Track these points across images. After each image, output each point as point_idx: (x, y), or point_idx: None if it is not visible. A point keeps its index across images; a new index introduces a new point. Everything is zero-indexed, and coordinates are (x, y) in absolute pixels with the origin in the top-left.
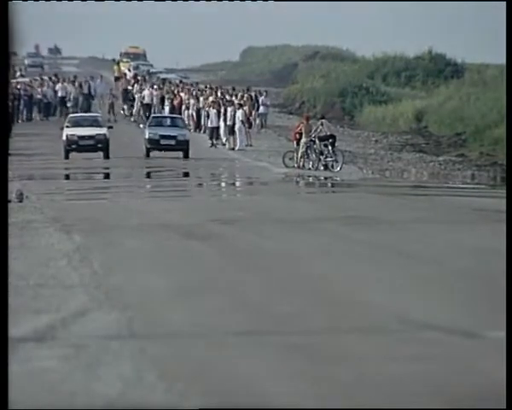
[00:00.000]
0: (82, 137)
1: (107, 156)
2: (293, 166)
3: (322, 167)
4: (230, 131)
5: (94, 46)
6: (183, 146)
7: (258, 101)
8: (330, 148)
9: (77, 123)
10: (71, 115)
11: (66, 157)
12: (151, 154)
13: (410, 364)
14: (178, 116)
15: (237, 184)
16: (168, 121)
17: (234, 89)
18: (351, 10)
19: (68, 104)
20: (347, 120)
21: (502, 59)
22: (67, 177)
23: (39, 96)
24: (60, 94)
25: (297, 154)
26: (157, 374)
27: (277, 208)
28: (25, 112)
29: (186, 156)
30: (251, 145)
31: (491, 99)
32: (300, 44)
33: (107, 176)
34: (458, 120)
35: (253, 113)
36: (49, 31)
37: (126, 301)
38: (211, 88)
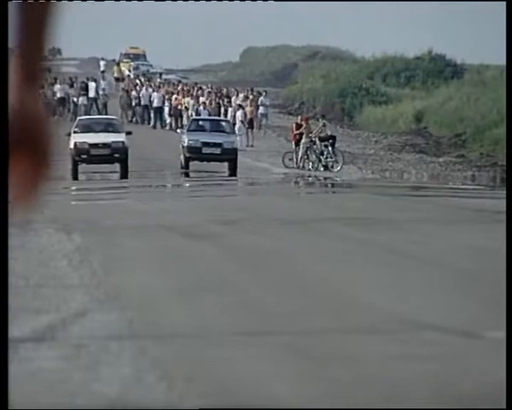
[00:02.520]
0: (94, 146)
1: (125, 170)
2: (293, 167)
3: (322, 168)
4: None
5: (94, 47)
6: (230, 155)
7: (257, 101)
8: (330, 148)
9: (88, 128)
10: (80, 118)
11: (75, 172)
12: (190, 164)
13: (410, 364)
14: (225, 119)
15: (237, 184)
16: (212, 125)
17: (237, 91)
18: (351, 10)
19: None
20: (347, 121)
21: (502, 59)
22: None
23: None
24: (59, 95)
25: (296, 154)
26: (157, 374)
27: (277, 209)
28: None
29: (233, 169)
30: (252, 146)
31: (491, 99)
32: (300, 45)
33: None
34: (458, 121)
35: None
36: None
37: (126, 302)
38: (201, 88)
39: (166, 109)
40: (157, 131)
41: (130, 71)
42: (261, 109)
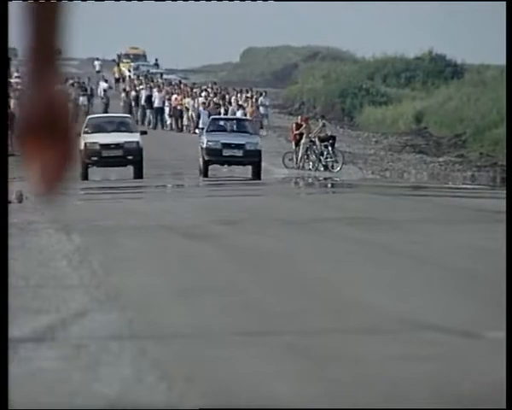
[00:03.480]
0: (106, 147)
1: (139, 172)
2: (293, 167)
3: (322, 168)
4: None
5: (94, 47)
6: (253, 158)
7: (257, 101)
8: (330, 148)
9: (99, 127)
10: (90, 117)
11: (85, 175)
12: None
13: (410, 364)
14: (246, 118)
15: (237, 184)
16: (233, 125)
17: (240, 90)
18: (351, 10)
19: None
20: (347, 121)
21: (502, 59)
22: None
23: None
24: None
25: (296, 154)
26: (157, 374)
27: (277, 209)
28: None
29: (257, 173)
30: None
31: (491, 99)
32: (300, 45)
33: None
34: (458, 121)
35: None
36: None
37: (126, 302)
38: (200, 88)
39: (167, 110)
40: (157, 131)
41: (130, 71)
42: (261, 110)
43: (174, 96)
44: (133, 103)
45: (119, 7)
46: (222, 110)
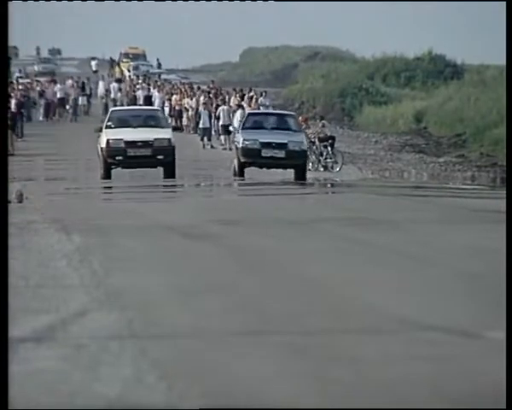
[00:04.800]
0: (132, 145)
1: (171, 174)
2: None
3: (321, 168)
4: (225, 131)
5: (94, 47)
6: (296, 160)
7: (257, 101)
8: (330, 149)
9: (124, 121)
10: (114, 109)
11: (107, 175)
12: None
13: (410, 364)
14: (289, 112)
15: (236, 184)
16: (274, 121)
17: (236, 90)
18: (351, 10)
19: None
20: (347, 121)
21: (502, 59)
22: None
23: (49, 97)
24: (59, 95)
25: None
26: (157, 374)
27: (277, 209)
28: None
29: (302, 178)
30: None
31: (490, 100)
32: (300, 45)
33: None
34: (458, 121)
35: None
36: (49, 31)
37: (126, 302)
38: (199, 88)
39: (167, 110)
40: None
41: (129, 71)
42: (261, 110)
43: (174, 96)
44: (131, 103)
45: (119, 7)
46: (220, 109)
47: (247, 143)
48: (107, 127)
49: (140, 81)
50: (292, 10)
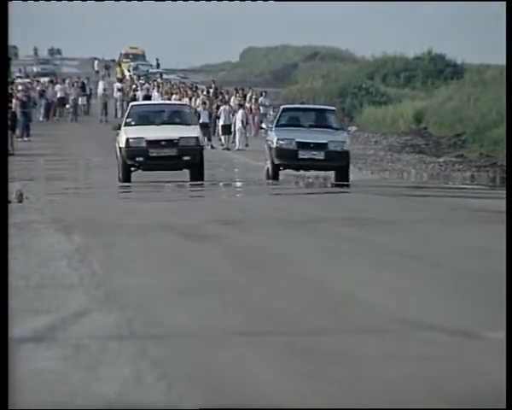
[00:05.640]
0: (155, 144)
1: (198, 177)
2: None
3: None
4: (226, 131)
5: (94, 47)
6: (338, 162)
7: (257, 101)
8: None
9: (145, 118)
10: (134, 104)
11: (126, 178)
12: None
13: (410, 364)
14: (329, 108)
15: (236, 184)
16: (312, 117)
17: (236, 90)
18: (351, 10)
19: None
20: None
21: (502, 59)
22: None
23: (50, 96)
24: (59, 95)
25: None
26: (157, 374)
27: (277, 209)
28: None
29: (343, 179)
30: (247, 145)
31: (491, 99)
32: (300, 45)
33: None
34: (458, 121)
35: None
36: (49, 31)
37: (126, 302)
38: (197, 88)
39: None
40: None
41: (129, 71)
42: (261, 110)
43: (173, 96)
44: (131, 102)
45: (119, 7)
46: (220, 109)
47: (281, 143)
48: (127, 125)
49: (141, 81)
50: (292, 10)
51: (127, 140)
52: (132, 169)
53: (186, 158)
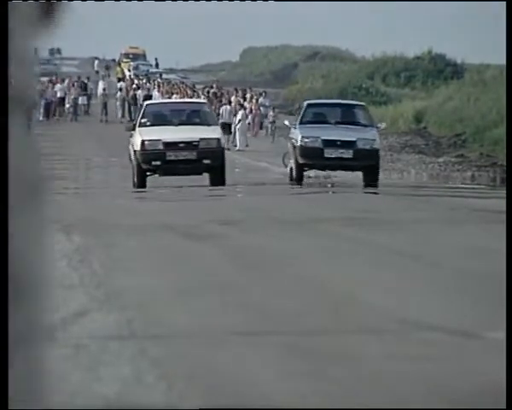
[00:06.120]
0: (172, 146)
1: (219, 181)
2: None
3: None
4: (226, 131)
5: (94, 47)
6: (367, 161)
7: (257, 101)
8: None
9: (162, 118)
10: (149, 103)
11: (141, 183)
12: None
13: (410, 364)
14: (357, 103)
15: (237, 184)
16: (339, 113)
17: (236, 90)
18: (351, 10)
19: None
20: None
21: (502, 59)
22: None
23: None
24: (59, 95)
25: None
26: (157, 374)
27: (277, 209)
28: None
29: (373, 180)
30: (247, 145)
31: (491, 99)
32: (300, 45)
33: None
34: (458, 121)
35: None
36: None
37: (126, 302)
38: (194, 87)
39: None
40: None
41: (129, 71)
42: (261, 110)
43: (174, 95)
44: (131, 102)
45: (119, 7)
46: (221, 110)
47: (306, 140)
48: (142, 125)
49: (141, 81)
50: (292, 10)
51: (142, 142)
52: (148, 174)
53: (206, 161)
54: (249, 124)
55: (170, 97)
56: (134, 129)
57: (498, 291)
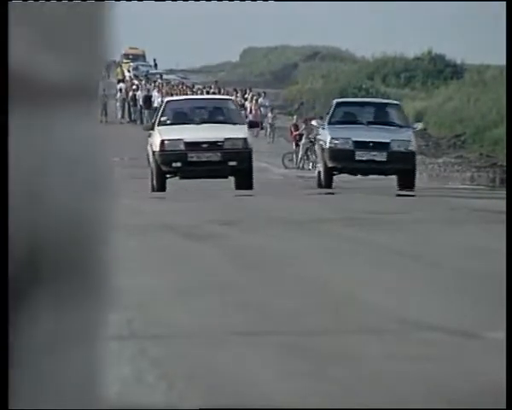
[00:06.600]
0: (195, 146)
1: (246, 184)
2: (293, 168)
3: None
4: None
5: None
6: (402, 164)
7: (257, 101)
8: None
9: (183, 116)
10: (169, 100)
11: (160, 187)
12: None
13: (410, 364)
14: (391, 102)
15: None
16: (371, 113)
17: (236, 90)
18: (351, 10)
19: None
20: None
21: (502, 60)
22: None
23: None
24: None
25: (296, 155)
26: (157, 374)
27: (277, 209)
28: None
29: (409, 185)
30: None
31: (491, 100)
32: (300, 45)
33: None
34: (458, 121)
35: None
36: None
37: (126, 302)
38: (191, 86)
39: None
40: None
41: (129, 71)
42: (261, 110)
43: (174, 96)
44: (131, 103)
45: (119, 7)
46: None
47: (336, 142)
48: (161, 124)
49: (141, 82)
50: (291, 10)
51: (162, 142)
52: (167, 176)
53: (232, 163)
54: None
55: None
56: (153, 128)
57: (498, 291)
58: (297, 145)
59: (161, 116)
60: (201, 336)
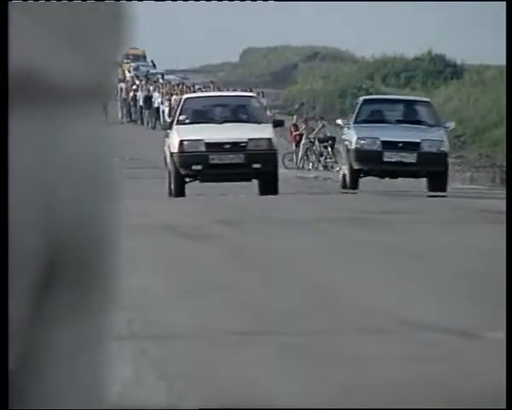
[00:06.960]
0: (216, 147)
1: (271, 189)
2: (293, 168)
3: (321, 168)
4: None
5: None
6: (434, 166)
7: None
8: (330, 149)
9: (203, 115)
10: (188, 97)
11: (179, 192)
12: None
13: (410, 364)
14: (421, 99)
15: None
16: (400, 111)
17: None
18: (351, 11)
19: None
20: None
21: (502, 60)
22: None
23: None
24: None
25: (296, 155)
26: (157, 374)
27: (278, 209)
28: None
29: (441, 188)
30: None
31: (490, 100)
32: (300, 45)
33: None
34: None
35: None
36: None
37: (126, 302)
38: (191, 86)
39: (166, 110)
40: (156, 131)
41: (130, 72)
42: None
43: (174, 96)
44: (132, 103)
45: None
46: None
47: (362, 142)
48: (180, 123)
49: (141, 82)
50: (292, 10)
51: (181, 143)
52: (187, 180)
53: (256, 166)
54: None
55: (169, 98)
56: (171, 127)
57: (498, 291)
58: (297, 145)
59: (180, 114)
60: (201, 336)
